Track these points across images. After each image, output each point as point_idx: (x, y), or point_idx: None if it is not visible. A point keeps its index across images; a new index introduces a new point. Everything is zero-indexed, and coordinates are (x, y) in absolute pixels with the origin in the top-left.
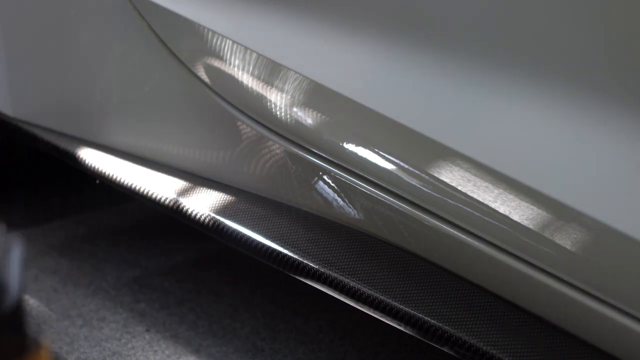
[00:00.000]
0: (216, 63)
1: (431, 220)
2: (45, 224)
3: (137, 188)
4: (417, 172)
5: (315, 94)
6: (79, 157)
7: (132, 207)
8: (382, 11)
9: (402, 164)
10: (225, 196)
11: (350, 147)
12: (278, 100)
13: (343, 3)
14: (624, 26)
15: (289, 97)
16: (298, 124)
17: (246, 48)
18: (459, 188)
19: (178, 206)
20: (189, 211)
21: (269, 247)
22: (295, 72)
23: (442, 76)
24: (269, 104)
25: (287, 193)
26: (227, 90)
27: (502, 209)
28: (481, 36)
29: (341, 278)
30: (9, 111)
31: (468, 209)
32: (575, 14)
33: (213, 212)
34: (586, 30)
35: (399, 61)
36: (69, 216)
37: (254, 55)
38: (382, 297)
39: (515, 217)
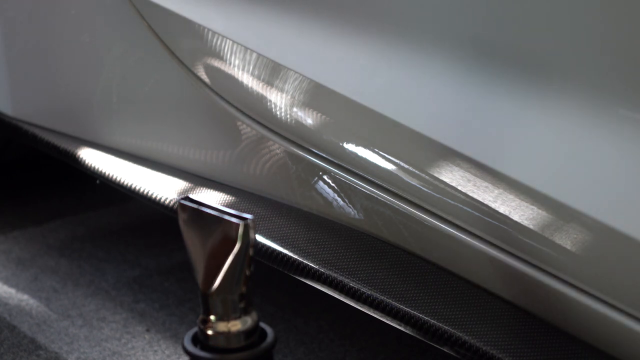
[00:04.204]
0: (216, 63)
1: (431, 220)
2: (45, 224)
3: (137, 188)
4: (417, 172)
5: (315, 94)
6: (79, 157)
7: (132, 207)
8: (383, 11)
9: (402, 164)
10: (226, 196)
11: (350, 147)
12: (278, 100)
13: (343, 3)
14: (624, 25)
15: (289, 97)
16: (298, 124)
17: (246, 48)
18: (459, 188)
19: None
20: None
21: (269, 247)
22: (295, 72)
23: (442, 76)
24: (269, 104)
25: (287, 193)
26: (227, 90)
27: (502, 209)
28: (481, 36)
29: (341, 278)
30: (9, 111)
31: (468, 209)
32: (575, 13)
33: None
34: (586, 30)
35: (399, 61)
36: (69, 216)
37: (254, 55)
38: (382, 297)
39: (515, 217)
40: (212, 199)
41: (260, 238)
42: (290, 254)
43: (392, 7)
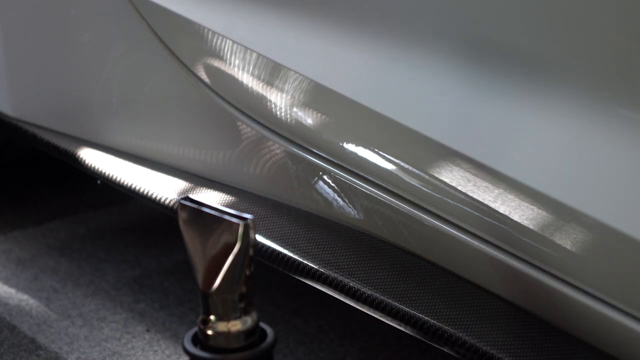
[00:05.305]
0: (216, 63)
1: (431, 220)
2: (45, 224)
3: (137, 188)
4: (417, 172)
5: (315, 94)
6: (79, 157)
7: (132, 207)
8: (383, 11)
9: (402, 164)
10: (226, 196)
11: (350, 147)
12: (278, 100)
13: (343, 3)
14: (624, 25)
15: (289, 97)
16: (298, 124)
17: (246, 48)
18: (459, 188)
19: None
20: None
21: (269, 247)
22: (295, 72)
23: (442, 76)
24: (269, 104)
25: (287, 193)
26: (227, 90)
27: (502, 209)
28: (481, 35)
29: (341, 278)
30: (9, 111)
31: (468, 209)
32: (575, 13)
33: None
34: (586, 30)
35: (399, 61)
36: (69, 216)
37: (254, 55)
38: (382, 297)
39: (515, 217)
40: (212, 199)
41: (260, 238)
42: (290, 254)
43: (392, 7)
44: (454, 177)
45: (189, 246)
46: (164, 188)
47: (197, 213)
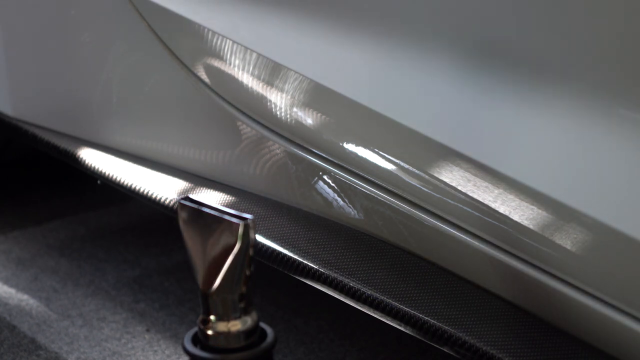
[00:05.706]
0: (216, 63)
1: (431, 220)
2: (45, 224)
3: (137, 188)
4: (417, 172)
5: (315, 94)
6: (79, 157)
7: (132, 207)
8: (383, 11)
9: (402, 164)
10: (226, 196)
11: (350, 147)
12: (278, 100)
13: (343, 3)
14: (624, 25)
15: (289, 97)
16: (298, 124)
17: (246, 48)
18: (459, 188)
19: None
20: None
21: (269, 247)
22: (295, 72)
23: (442, 76)
24: (269, 104)
25: (287, 193)
26: (227, 90)
27: (502, 209)
28: (481, 35)
29: (341, 278)
30: (9, 111)
31: (468, 209)
32: (575, 13)
33: None
34: (586, 29)
35: (399, 61)
36: (69, 216)
37: (254, 55)
38: (382, 297)
39: (515, 217)
40: (212, 199)
41: (260, 238)
42: (290, 254)
43: (392, 7)
44: (454, 177)
45: (189, 246)
46: (164, 188)
47: (197, 213)
